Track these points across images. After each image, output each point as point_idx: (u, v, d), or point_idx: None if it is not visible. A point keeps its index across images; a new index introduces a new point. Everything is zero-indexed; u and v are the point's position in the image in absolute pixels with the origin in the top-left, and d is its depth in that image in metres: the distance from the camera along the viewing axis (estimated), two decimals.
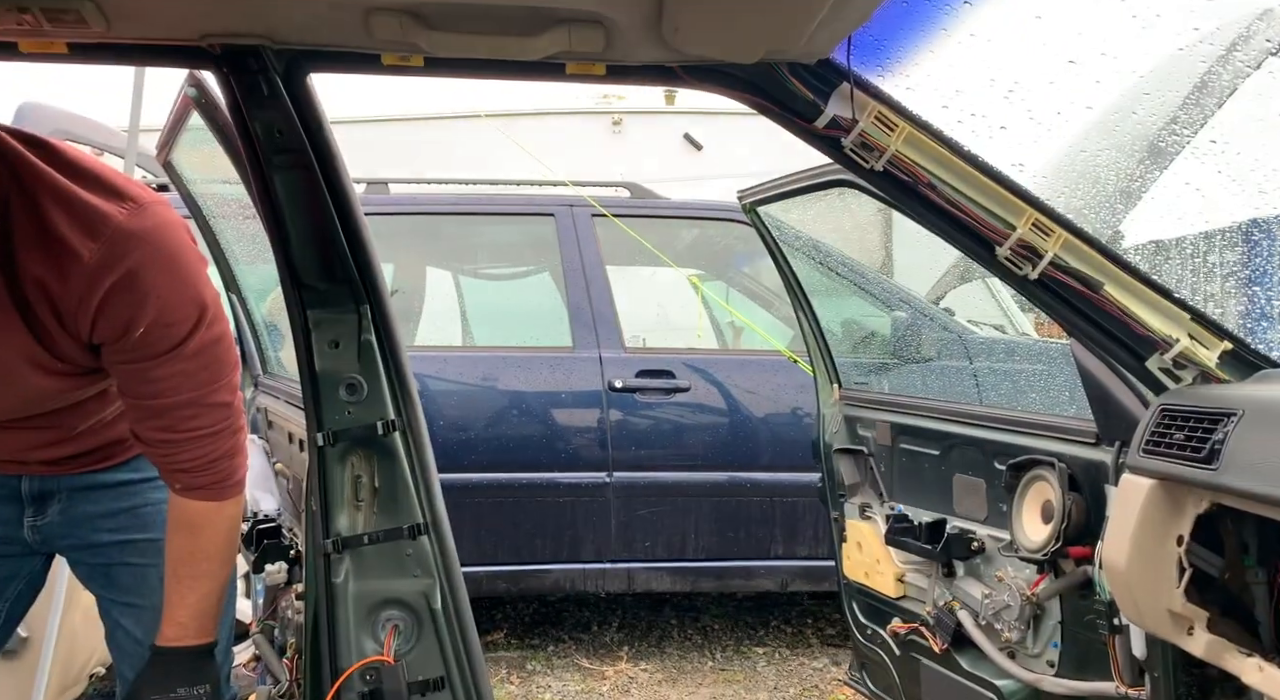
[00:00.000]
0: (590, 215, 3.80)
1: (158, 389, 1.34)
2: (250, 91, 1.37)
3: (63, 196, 1.23)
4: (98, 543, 1.57)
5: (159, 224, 1.28)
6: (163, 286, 1.28)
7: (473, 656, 1.46)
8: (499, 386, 3.61)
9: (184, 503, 1.43)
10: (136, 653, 1.53)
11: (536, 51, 1.26)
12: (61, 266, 1.23)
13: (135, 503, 1.57)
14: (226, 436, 1.43)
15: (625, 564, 3.49)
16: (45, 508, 1.54)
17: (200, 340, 1.33)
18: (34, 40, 1.28)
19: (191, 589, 1.45)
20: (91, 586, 1.62)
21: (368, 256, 1.54)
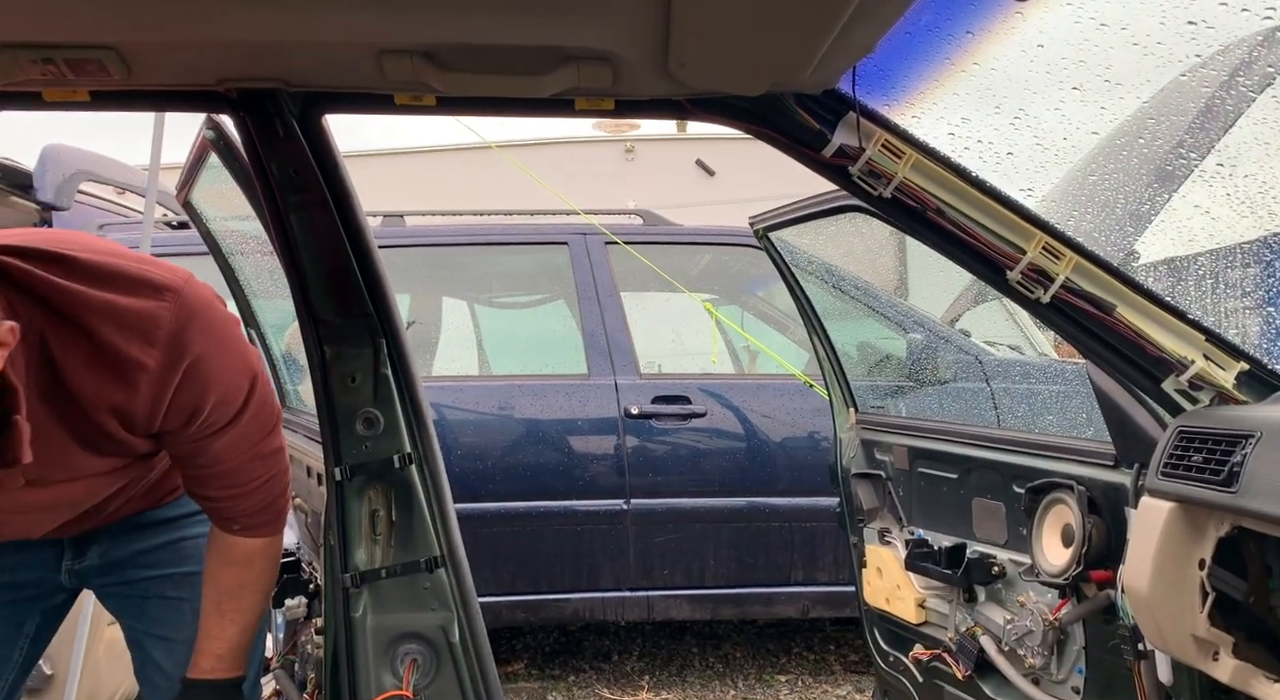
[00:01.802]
0: (604, 243, 3.82)
1: (217, 457, 1.36)
2: (266, 133, 1.39)
3: (107, 310, 1.19)
4: (134, 578, 1.58)
5: (200, 307, 1.27)
6: (220, 368, 1.28)
7: (491, 690, 1.46)
8: (515, 415, 3.62)
9: (236, 540, 1.44)
10: (166, 686, 1.54)
11: (546, 89, 1.28)
12: (129, 380, 1.21)
13: (175, 537, 1.58)
14: (279, 478, 1.45)
15: (644, 592, 3.47)
16: (85, 551, 1.55)
17: (253, 405, 1.34)
18: (58, 90, 1.32)
19: (234, 622, 1.46)
20: (124, 618, 1.63)
21: (383, 291, 1.57)
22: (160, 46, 1.24)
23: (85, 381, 1.21)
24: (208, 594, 1.47)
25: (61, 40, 1.20)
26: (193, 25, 1.18)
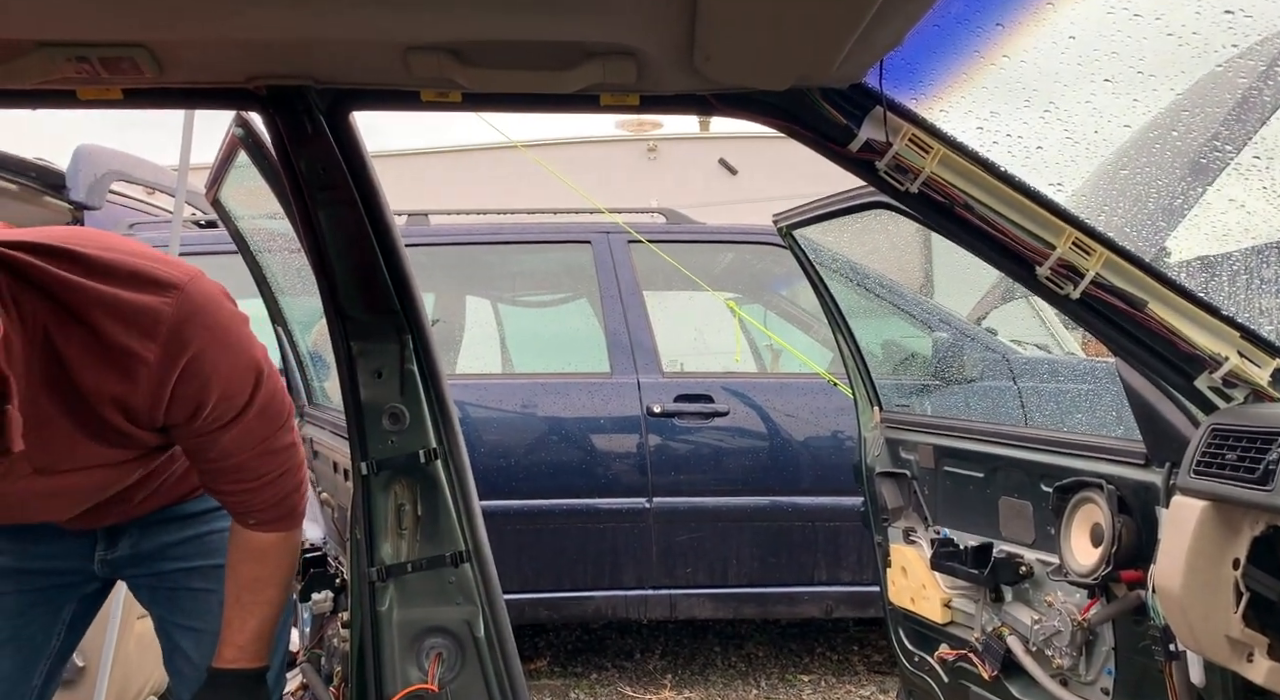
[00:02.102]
0: (627, 242, 3.83)
1: (226, 451, 1.38)
2: (295, 130, 1.41)
3: (110, 304, 1.21)
4: (164, 570, 1.61)
5: (203, 303, 1.28)
6: (222, 364, 1.30)
7: (516, 685, 1.47)
8: (538, 413, 3.63)
9: (253, 535, 1.46)
10: (193, 674, 1.56)
11: (571, 84, 1.28)
12: (129, 373, 1.23)
13: (201, 531, 1.61)
14: (292, 474, 1.47)
15: (667, 590, 3.47)
16: (117, 542, 1.58)
17: (259, 401, 1.36)
18: (92, 88, 1.34)
19: (253, 614, 1.48)
20: (154, 609, 1.66)
21: (409, 288, 1.58)
22: (191, 44, 1.25)
23: (87, 374, 1.23)
24: (229, 587, 1.49)
25: (96, 39, 1.22)
26: (223, 23, 1.19)
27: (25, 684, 1.56)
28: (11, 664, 1.53)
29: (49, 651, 1.60)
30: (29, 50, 1.24)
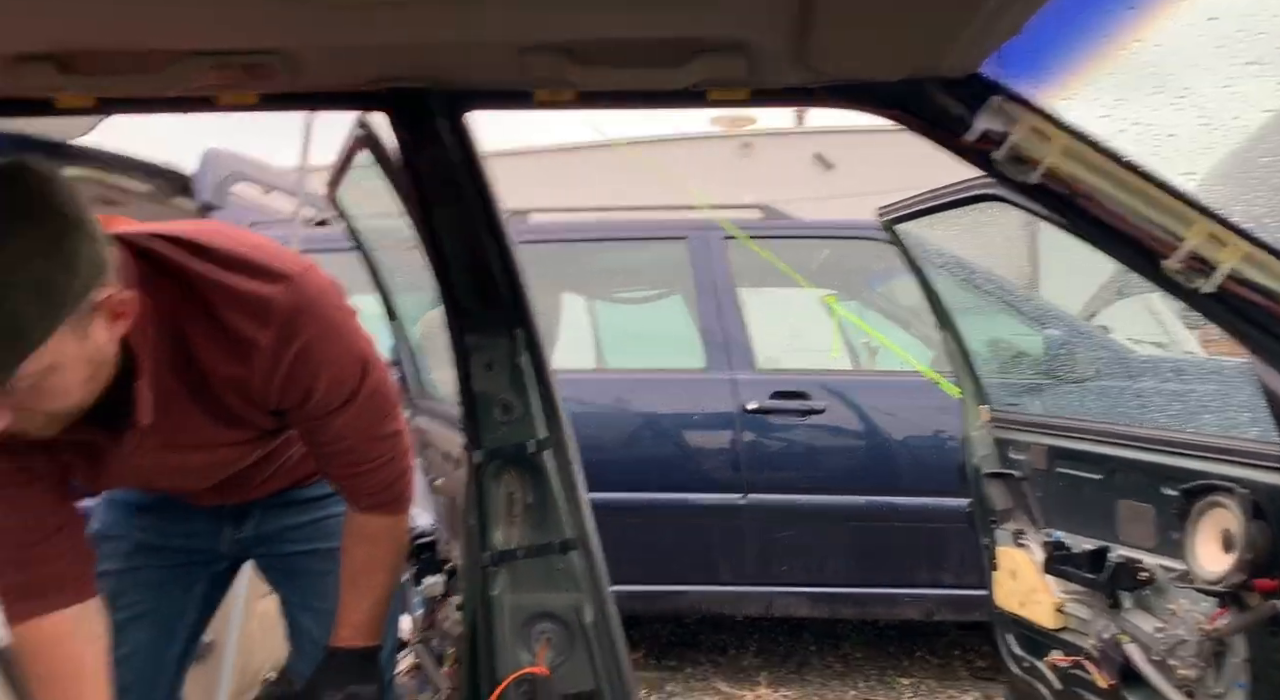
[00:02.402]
0: (723, 238, 3.82)
1: (336, 436, 1.45)
2: (415, 131, 1.46)
3: (229, 292, 1.30)
4: (286, 551, 1.70)
5: (314, 294, 1.36)
6: (330, 352, 1.37)
7: (623, 672, 1.49)
8: (633, 408, 3.67)
9: (365, 518, 1.53)
10: (313, 652, 1.64)
11: (680, 81, 1.29)
12: (244, 357, 1.31)
13: (319, 515, 1.69)
14: (398, 461, 1.54)
15: (762, 587, 3.46)
16: (243, 523, 1.69)
17: (366, 389, 1.43)
18: (230, 93, 1.42)
19: (366, 595, 1.55)
20: (278, 589, 1.76)
21: (519, 284, 1.62)
22: (324, 50, 1.32)
23: (209, 356, 1.32)
24: (344, 569, 1.57)
25: (239, 47, 1.30)
26: (355, 29, 1.25)
27: (163, 654, 1.67)
28: (151, 635, 1.64)
29: (185, 625, 1.71)
30: (177, 60, 1.33)
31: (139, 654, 1.60)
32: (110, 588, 1.51)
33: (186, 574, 1.69)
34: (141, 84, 1.35)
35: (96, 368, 1.19)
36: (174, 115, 1.51)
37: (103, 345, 1.18)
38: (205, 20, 1.23)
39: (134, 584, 1.62)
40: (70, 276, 1.10)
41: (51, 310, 1.08)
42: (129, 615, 1.59)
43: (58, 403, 1.17)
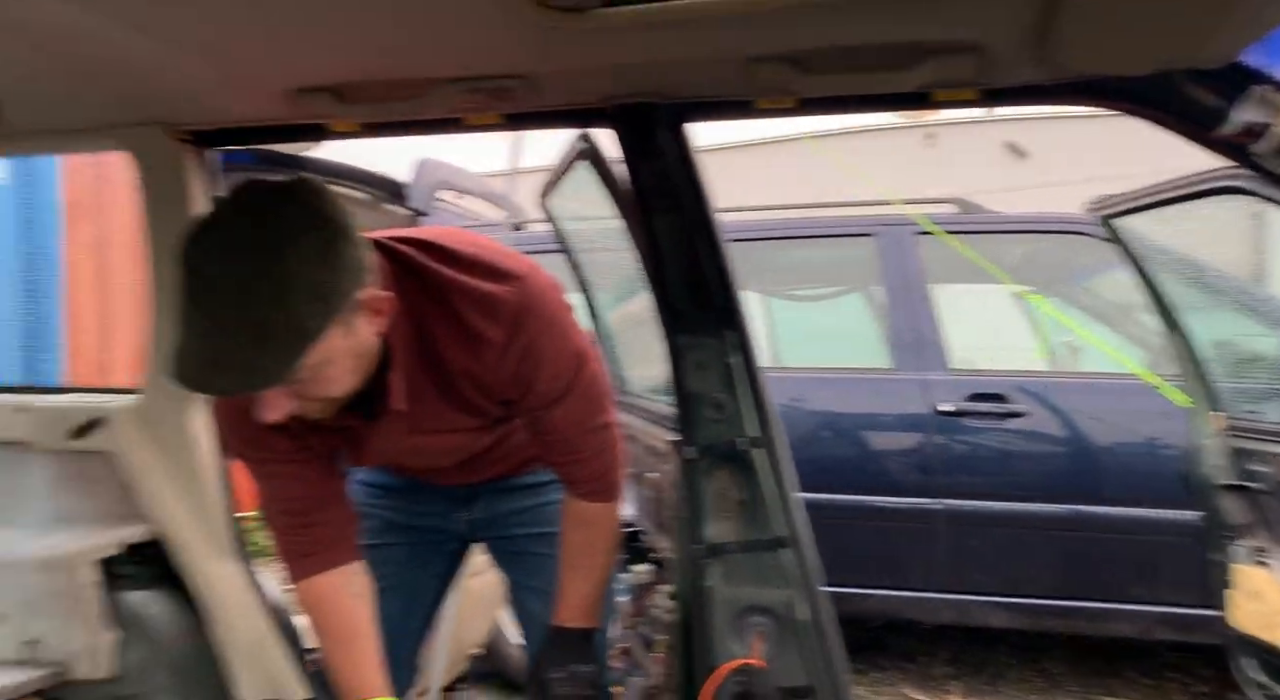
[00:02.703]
0: (913, 233, 3.73)
1: (553, 426, 1.56)
2: (639, 144, 1.54)
3: (466, 292, 1.42)
4: (511, 534, 1.83)
5: (538, 294, 1.47)
6: (551, 349, 1.48)
7: (837, 669, 1.51)
8: (809, 407, 3.64)
9: (580, 504, 1.64)
10: (538, 630, 1.76)
11: (907, 84, 1.30)
12: (478, 352, 1.44)
13: (541, 501, 1.81)
14: (610, 451, 1.63)
15: (956, 595, 3.36)
16: (474, 504, 1.83)
17: (582, 383, 1.53)
18: (478, 115, 1.55)
19: (584, 579, 1.66)
20: (505, 570, 1.89)
21: (730, 286, 1.67)
22: (563, 73, 1.42)
23: (448, 350, 1.44)
24: (563, 552, 1.67)
25: (489, 73, 1.42)
26: (592, 52, 1.34)
27: (408, 625, 1.84)
28: (399, 607, 1.81)
29: (425, 600, 1.87)
30: (434, 87, 1.47)
31: (388, 622, 1.76)
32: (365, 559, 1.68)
33: (427, 552, 1.85)
34: (402, 109, 1.50)
35: (360, 359, 1.33)
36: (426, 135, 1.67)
37: (366, 339, 1.32)
38: (462, 51, 1.35)
39: (384, 558, 1.78)
40: (340, 278, 1.23)
41: (326, 310, 1.21)
42: (380, 586, 1.76)
43: (330, 390, 1.32)
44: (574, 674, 1.64)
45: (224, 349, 1.15)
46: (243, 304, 1.15)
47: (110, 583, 1.71)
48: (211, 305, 1.15)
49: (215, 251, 1.17)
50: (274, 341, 1.17)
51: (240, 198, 1.23)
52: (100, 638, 1.65)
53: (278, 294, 1.16)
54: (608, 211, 1.97)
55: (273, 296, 1.15)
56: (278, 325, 1.16)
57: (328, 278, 1.21)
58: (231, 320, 1.15)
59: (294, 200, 1.23)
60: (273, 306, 1.16)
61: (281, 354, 1.18)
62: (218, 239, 1.19)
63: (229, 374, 1.16)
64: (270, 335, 1.16)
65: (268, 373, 1.18)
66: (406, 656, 1.86)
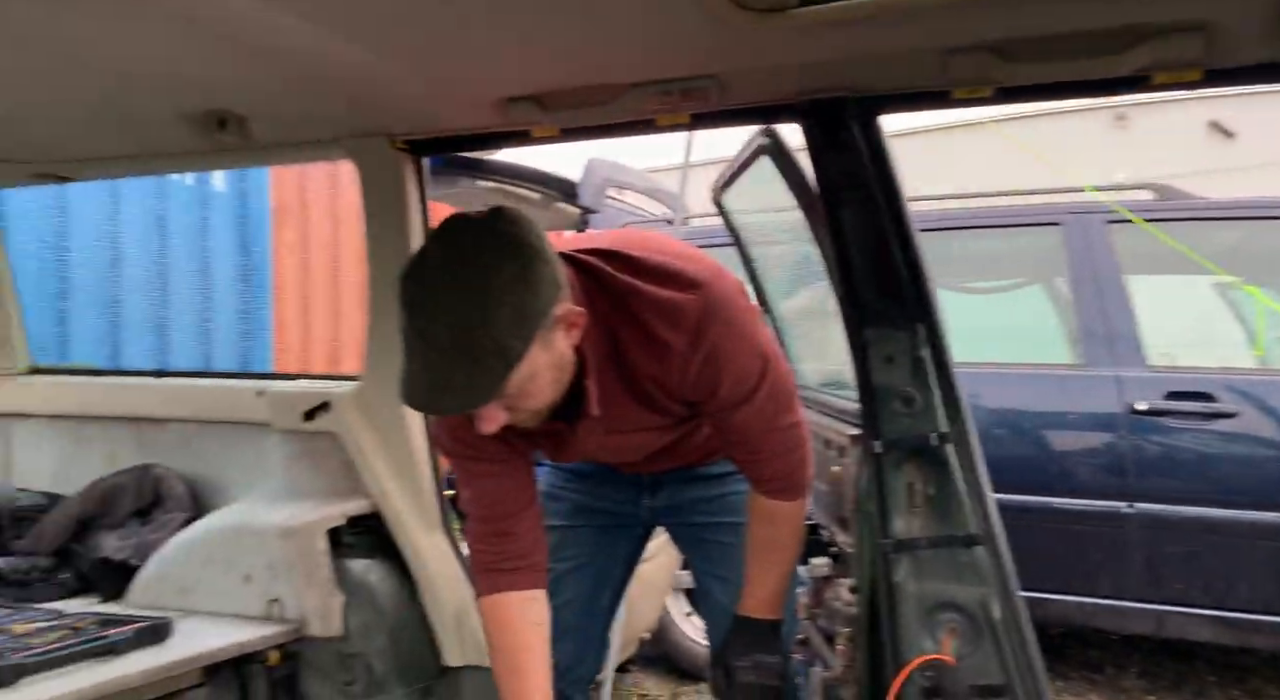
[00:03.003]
0: (1105, 222, 3.51)
1: (739, 426, 1.58)
2: (829, 138, 1.55)
3: (650, 300, 1.45)
4: (694, 522, 1.88)
5: (721, 301, 1.49)
6: (735, 354, 1.50)
7: (1035, 670, 1.47)
8: (985, 403, 3.50)
9: (765, 501, 1.66)
10: (721, 616, 1.81)
11: (1122, 68, 1.25)
12: (662, 358, 1.48)
13: (724, 491, 1.85)
14: (795, 451, 1.64)
15: (1152, 605, 3.15)
16: (658, 492, 1.90)
17: (766, 385, 1.54)
18: (669, 116, 1.61)
19: (769, 571, 1.69)
20: (688, 557, 1.95)
21: (922, 278, 1.64)
22: (753, 72, 1.45)
23: (635, 356, 1.49)
24: (749, 545, 1.70)
25: (681, 75, 1.47)
26: (784, 50, 1.36)
27: (597, 604, 1.93)
28: (587, 586, 1.90)
29: (612, 581, 1.96)
30: (629, 91, 1.54)
31: (578, 601, 1.86)
32: (554, 541, 1.76)
33: (614, 534, 1.94)
34: (599, 114, 1.58)
35: (560, 370, 1.41)
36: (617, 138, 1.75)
37: (564, 352, 1.40)
38: (658, 55, 1.41)
39: (574, 539, 1.88)
40: (538, 299, 1.30)
41: (527, 330, 1.29)
42: (569, 566, 1.86)
43: (536, 402, 1.40)
44: (759, 663, 1.68)
45: (443, 374, 1.26)
46: (453, 334, 1.25)
47: (335, 551, 1.89)
48: (428, 336, 1.26)
49: (426, 287, 1.28)
50: (484, 364, 1.26)
51: (445, 234, 1.33)
52: (331, 600, 1.83)
53: (483, 322, 1.25)
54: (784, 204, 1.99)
55: (479, 324, 1.25)
56: (487, 349, 1.26)
57: (528, 300, 1.29)
58: (446, 350, 1.25)
59: (493, 231, 1.32)
60: (481, 333, 1.25)
61: (492, 374, 1.27)
62: (428, 275, 1.30)
63: (450, 396, 1.27)
64: (480, 359, 1.26)
65: (481, 392, 1.28)
66: (598, 633, 1.95)
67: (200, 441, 2.25)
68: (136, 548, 2.12)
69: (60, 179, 2.23)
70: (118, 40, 1.40)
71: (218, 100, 1.70)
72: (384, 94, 1.60)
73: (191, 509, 2.16)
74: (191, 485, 2.22)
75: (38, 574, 2.09)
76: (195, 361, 4.85)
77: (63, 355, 3.98)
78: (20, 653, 1.57)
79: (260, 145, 1.86)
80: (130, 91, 1.64)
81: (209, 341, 5.02)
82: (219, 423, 2.22)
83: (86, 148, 1.98)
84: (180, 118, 1.76)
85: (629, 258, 1.52)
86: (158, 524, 2.15)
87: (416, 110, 1.66)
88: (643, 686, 3.45)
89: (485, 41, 1.38)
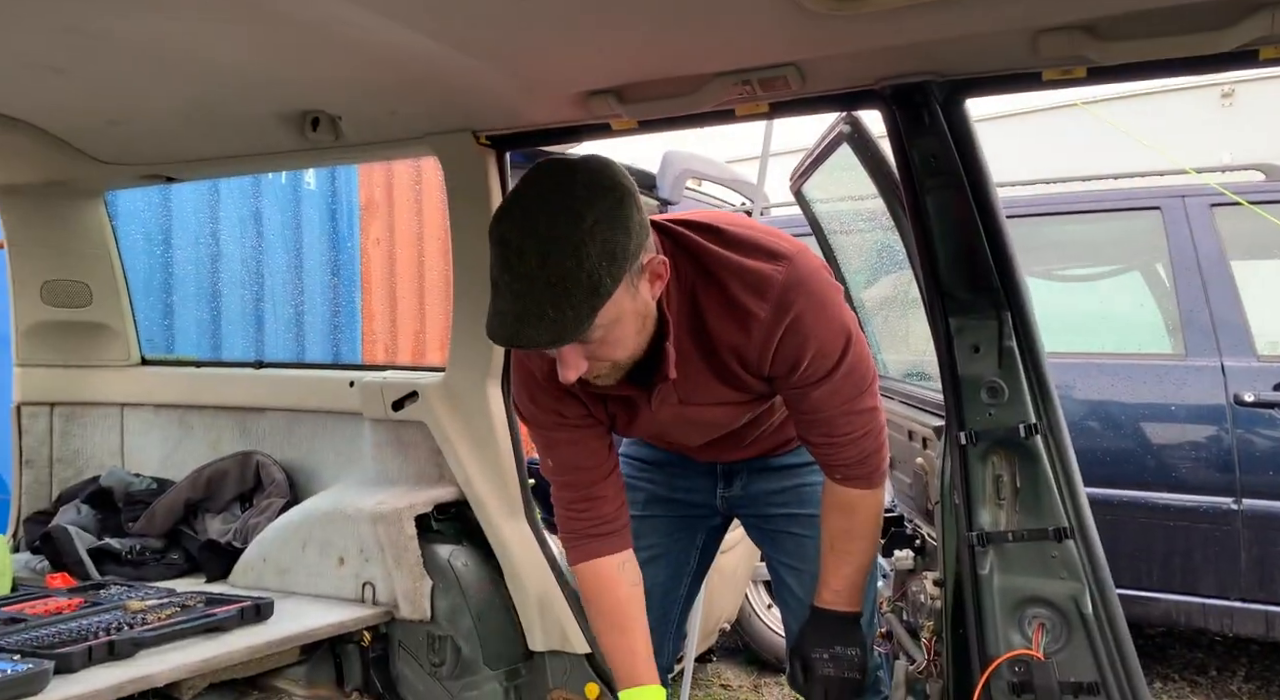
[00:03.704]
0: (1209, 205, 3.35)
1: (816, 405, 1.57)
2: (912, 123, 1.51)
3: (735, 269, 1.46)
4: (768, 513, 1.88)
5: (806, 274, 1.49)
6: (818, 327, 1.49)
7: (1129, 667, 1.43)
8: (1080, 395, 3.38)
9: (840, 489, 1.64)
10: (796, 607, 1.79)
11: (1228, 43, 1.19)
12: (745, 326, 1.48)
13: (797, 482, 1.84)
14: (873, 436, 1.62)
15: (1262, 606, 3.00)
16: (732, 482, 1.89)
17: (848, 363, 1.53)
18: (747, 105, 1.60)
19: (844, 563, 1.67)
20: (763, 548, 1.95)
21: (1010, 266, 1.59)
22: (832, 59, 1.43)
23: (716, 324, 1.49)
24: (823, 536, 1.68)
25: (760, 63, 1.46)
26: (863, 36, 1.34)
27: (675, 592, 1.94)
28: (666, 574, 1.92)
29: (690, 568, 1.96)
30: (707, 82, 1.54)
31: (656, 589, 1.87)
32: (633, 528, 1.77)
33: (690, 524, 1.94)
34: (677, 105, 1.58)
35: (643, 321, 1.41)
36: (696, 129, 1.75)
37: (648, 301, 1.40)
38: (737, 44, 1.41)
39: (651, 529, 1.89)
40: (628, 238, 1.30)
41: (617, 268, 1.28)
42: (648, 555, 1.87)
43: (617, 352, 1.40)
44: (836, 655, 1.66)
45: (532, 306, 1.25)
46: (545, 265, 1.24)
47: (423, 537, 1.95)
48: (519, 268, 1.26)
49: (519, 221, 1.28)
50: (574, 296, 1.25)
51: (538, 173, 1.34)
52: (419, 584, 1.89)
53: (575, 253, 1.25)
54: (864, 193, 1.95)
55: (572, 255, 1.25)
56: (577, 281, 1.25)
57: (619, 238, 1.28)
58: (538, 280, 1.25)
59: (587, 169, 1.33)
60: (573, 264, 1.25)
61: (582, 308, 1.26)
62: (520, 210, 1.30)
63: (537, 327, 1.25)
64: (570, 291, 1.25)
65: (570, 326, 1.26)
66: (676, 623, 1.96)
67: (297, 429, 2.34)
68: (239, 531, 2.23)
69: (167, 179, 2.35)
70: (214, 45, 1.46)
71: (310, 101, 1.77)
72: (468, 91, 1.64)
73: (289, 494, 2.25)
74: (289, 471, 2.31)
75: (150, 554, 2.22)
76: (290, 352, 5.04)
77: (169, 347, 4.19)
78: (137, 628, 1.67)
79: (350, 144, 1.92)
80: (227, 94, 1.71)
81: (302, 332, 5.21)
82: (314, 412, 2.31)
83: (189, 149, 2.08)
84: (275, 118, 1.83)
85: (716, 228, 1.54)
86: (258, 509, 2.25)
87: (499, 106, 1.69)
88: (724, 677, 3.45)
89: (565, 36, 1.40)
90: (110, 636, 1.61)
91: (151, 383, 2.54)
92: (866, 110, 1.65)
